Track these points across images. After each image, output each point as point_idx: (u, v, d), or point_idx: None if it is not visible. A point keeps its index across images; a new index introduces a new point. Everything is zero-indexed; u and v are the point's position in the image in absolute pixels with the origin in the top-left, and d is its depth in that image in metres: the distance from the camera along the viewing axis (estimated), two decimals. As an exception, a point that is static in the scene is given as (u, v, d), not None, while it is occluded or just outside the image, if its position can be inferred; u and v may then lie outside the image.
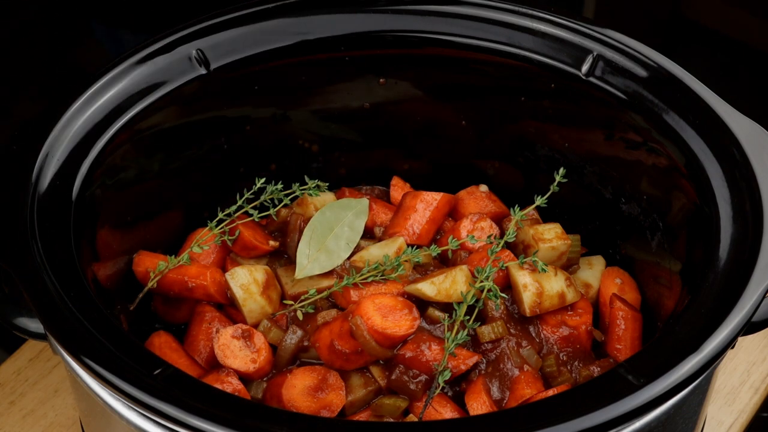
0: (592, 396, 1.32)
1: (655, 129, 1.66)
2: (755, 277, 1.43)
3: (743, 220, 1.50)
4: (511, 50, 1.76)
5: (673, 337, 1.39)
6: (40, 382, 1.86)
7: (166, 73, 1.70)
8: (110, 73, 1.66)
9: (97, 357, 1.35)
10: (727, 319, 1.39)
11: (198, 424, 1.29)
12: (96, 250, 1.61)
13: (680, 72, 1.68)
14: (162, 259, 1.73)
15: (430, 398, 1.59)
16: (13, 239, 1.47)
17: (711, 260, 1.48)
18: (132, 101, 1.67)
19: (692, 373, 1.34)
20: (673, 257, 1.66)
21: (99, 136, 1.62)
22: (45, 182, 1.55)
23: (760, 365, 1.91)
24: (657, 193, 1.70)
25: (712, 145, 1.59)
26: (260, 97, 1.80)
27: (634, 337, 1.70)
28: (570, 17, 1.75)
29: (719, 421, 1.83)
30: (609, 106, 1.71)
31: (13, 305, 1.51)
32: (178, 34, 1.72)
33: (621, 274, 1.79)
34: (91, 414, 1.55)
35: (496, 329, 1.64)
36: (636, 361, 1.36)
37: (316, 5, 1.78)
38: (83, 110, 1.63)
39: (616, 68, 1.70)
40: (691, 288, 1.53)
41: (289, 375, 1.62)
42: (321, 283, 1.72)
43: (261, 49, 1.76)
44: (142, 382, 1.32)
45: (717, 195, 1.55)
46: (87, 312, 1.41)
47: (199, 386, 1.34)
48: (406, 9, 1.79)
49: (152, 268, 1.72)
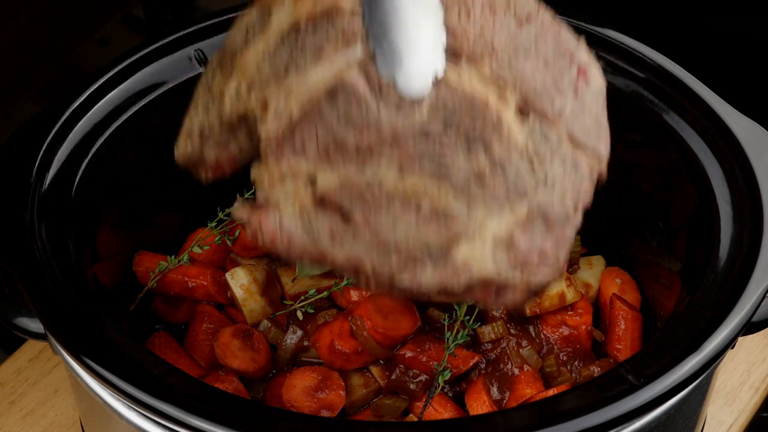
0: (593, 396, 1.32)
1: (655, 129, 1.66)
2: (755, 277, 1.43)
3: (743, 220, 1.50)
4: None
5: (673, 337, 1.39)
6: (40, 382, 1.86)
7: (166, 73, 1.70)
8: (110, 73, 1.66)
9: (97, 357, 1.35)
10: (727, 319, 1.39)
11: (198, 424, 1.29)
12: (96, 250, 1.61)
13: (680, 72, 1.68)
14: (162, 259, 1.73)
15: (430, 398, 1.59)
16: (13, 239, 1.47)
17: (711, 260, 1.48)
18: (132, 101, 1.67)
19: (692, 373, 1.34)
20: (673, 257, 1.66)
21: (99, 135, 1.62)
22: (45, 182, 1.55)
23: (760, 365, 1.91)
24: (657, 193, 1.70)
25: (712, 145, 1.59)
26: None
27: (634, 337, 1.70)
28: (570, 17, 1.75)
29: (719, 421, 1.83)
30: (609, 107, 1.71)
31: (13, 305, 1.50)
32: (178, 34, 1.72)
33: (621, 274, 1.79)
34: (91, 414, 1.55)
35: (497, 329, 1.64)
36: (636, 361, 1.36)
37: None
38: (83, 110, 1.63)
39: (616, 68, 1.70)
40: (691, 288, 1.53)
41: (289, 375, 1.62)
42: (321, 283, 1.71)
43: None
44: (142, 382, 1.32)
45: (717, 195, 1.55)
46: (87, 312, 1.40)
47: (199, 386, 1.34)
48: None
49: (152, 268, 1.71)
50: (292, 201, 1.28)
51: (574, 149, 1.33)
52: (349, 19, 1.29)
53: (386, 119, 1.27)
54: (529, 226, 1.29)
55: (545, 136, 1.31)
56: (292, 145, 1.28)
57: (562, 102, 1.33)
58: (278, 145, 1.28)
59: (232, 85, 1.34)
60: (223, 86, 1.36)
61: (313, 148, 1.27)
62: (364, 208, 1.27)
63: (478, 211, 1.28)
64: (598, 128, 1.37)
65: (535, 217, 1.30)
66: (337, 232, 1.28)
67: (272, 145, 1.28)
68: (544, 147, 1.31)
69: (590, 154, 1.35)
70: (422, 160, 1.27)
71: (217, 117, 1.36)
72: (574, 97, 1.35)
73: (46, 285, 1.42)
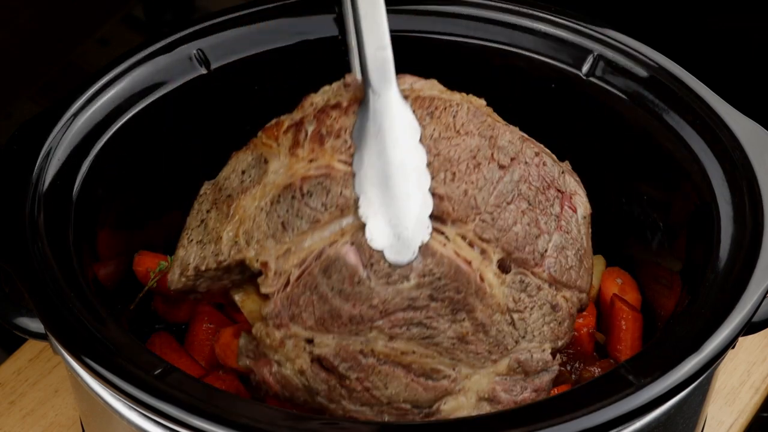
0: (593, 396, 1.32)
1: (656, 129, 1.66)
2: (755, 278, 1.43)
3: (743, 221, 1.50)
4: (511, 50, 1.76)
5: (673, 338, 1.39)
6: (40, 382, 1.86)
7: (167, 73, 1.70)
8: (110, 73, 1.66)
9: (97, 357, 1.35)
10: (728, 319, 1.39)
11: (198, 424, 1.29)
12: (96, 250, 1.61)
13: (681, 72, 1.68)
14: (162, 259, 1.73)
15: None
16: (13, 239, 1.46)
17: (711, 260, 1.48)
18: (132, 101, 1.67)
19: (693, 374, 1.33)
20: (673, 257, 1.66)
21: (99, 135, 1.62)
22: (45, 182, 1.54)
23: (760, 365, 1.91)
24: (657, 193, 1.70)
25: (712, 145, 1.59)
26: (260, 97, 1.80)
27: (635, 338, 1.70)
28: (570, 17, 1.75)
29: (719, 421, 1.83)
30: (609, 107, 1.71)
31: (13, 305, 1.50)
32: (179, 34, 1.72)
33: (621, 274, 1.79)
34: (91, 414, 1.55)
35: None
36: (637, 362, 1.36)
37: (316, 5, 1.78)
38: (83, 110, 1.63)
39: (616, 68, 1.70)
40: (691, 288, 1.52)
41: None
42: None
43: (261, 49, 1.76)
44: (142, 382, 1.32)
45: (717, 195, 1.55)
46: (88, 312, 1.40)
47: (199, 386, 1.34)
48: (406, 9, 1.79)
49: (152, 267, 1.71)
50: (292, 361, 1.41)
51: (555, 291, 1.46)
52: (342, 183, 1.40)
53: (377, 290, 1.38)
54: (509, 379, 1.44)
55: (526, 286, 1.44)
56: (291, 315, 1.40)
57: (544, 243, 1.46)
58: (278, 315, 1.40)
59: (230, 231, 1.45)
60: (220, 228, 1.46)
61: (310, 317, 1.40)
62: (358, 371, 1.40)
63: (462, 369, 1.42)
64: (580, 262, 1.50)
65: (515, 369, 1.44)
66: (334, 390, 1.41)
67: (272, 314, 1.41)
68: (525, 297, 1.44)
69: (571, 290, 1.48)
70: (410, 326, 1.40)
71: (213, 257, 1.46)
72: (558, 229, 1.47)
73: (46, 285, 1.42)
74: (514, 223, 1.45)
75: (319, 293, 1.39)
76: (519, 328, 1.44)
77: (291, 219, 1.41)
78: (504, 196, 1.45)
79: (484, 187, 1.44)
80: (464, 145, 1.45)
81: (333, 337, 1.40)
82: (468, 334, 1.41)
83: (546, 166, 1.51)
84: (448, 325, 1.41)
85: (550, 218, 1.48)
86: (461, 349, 1.42)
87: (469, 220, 1.42)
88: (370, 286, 1.39)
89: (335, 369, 1.41)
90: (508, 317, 1.43)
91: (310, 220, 1.41)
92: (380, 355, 1.41)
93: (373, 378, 1.41)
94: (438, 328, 1.41)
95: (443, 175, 1.43)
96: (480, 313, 1.42)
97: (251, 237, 1.43)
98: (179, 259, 1.52)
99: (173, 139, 1.75)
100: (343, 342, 1.40)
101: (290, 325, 1.41)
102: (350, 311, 1.39)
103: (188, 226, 1.55)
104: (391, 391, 1.42)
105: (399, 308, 1.40)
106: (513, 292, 1.44)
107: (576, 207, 1.52)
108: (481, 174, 1.45)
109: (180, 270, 1.51)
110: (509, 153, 1.48)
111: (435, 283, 1.40)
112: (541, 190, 1.49)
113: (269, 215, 1.43)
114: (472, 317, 1.42)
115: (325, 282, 1.39)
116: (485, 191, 1.44)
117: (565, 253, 1.48)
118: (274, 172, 1.45)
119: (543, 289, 1.46)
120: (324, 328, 1.40)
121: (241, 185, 1.48)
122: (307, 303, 1.40)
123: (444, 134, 1.45)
